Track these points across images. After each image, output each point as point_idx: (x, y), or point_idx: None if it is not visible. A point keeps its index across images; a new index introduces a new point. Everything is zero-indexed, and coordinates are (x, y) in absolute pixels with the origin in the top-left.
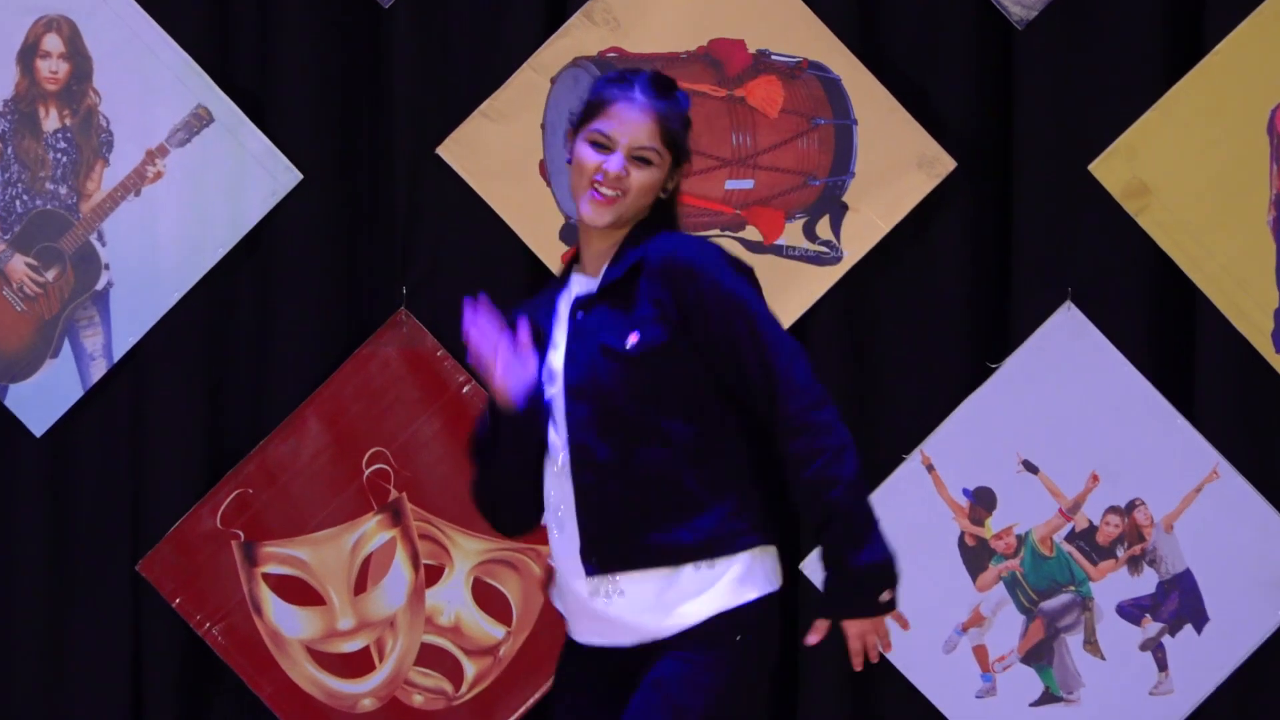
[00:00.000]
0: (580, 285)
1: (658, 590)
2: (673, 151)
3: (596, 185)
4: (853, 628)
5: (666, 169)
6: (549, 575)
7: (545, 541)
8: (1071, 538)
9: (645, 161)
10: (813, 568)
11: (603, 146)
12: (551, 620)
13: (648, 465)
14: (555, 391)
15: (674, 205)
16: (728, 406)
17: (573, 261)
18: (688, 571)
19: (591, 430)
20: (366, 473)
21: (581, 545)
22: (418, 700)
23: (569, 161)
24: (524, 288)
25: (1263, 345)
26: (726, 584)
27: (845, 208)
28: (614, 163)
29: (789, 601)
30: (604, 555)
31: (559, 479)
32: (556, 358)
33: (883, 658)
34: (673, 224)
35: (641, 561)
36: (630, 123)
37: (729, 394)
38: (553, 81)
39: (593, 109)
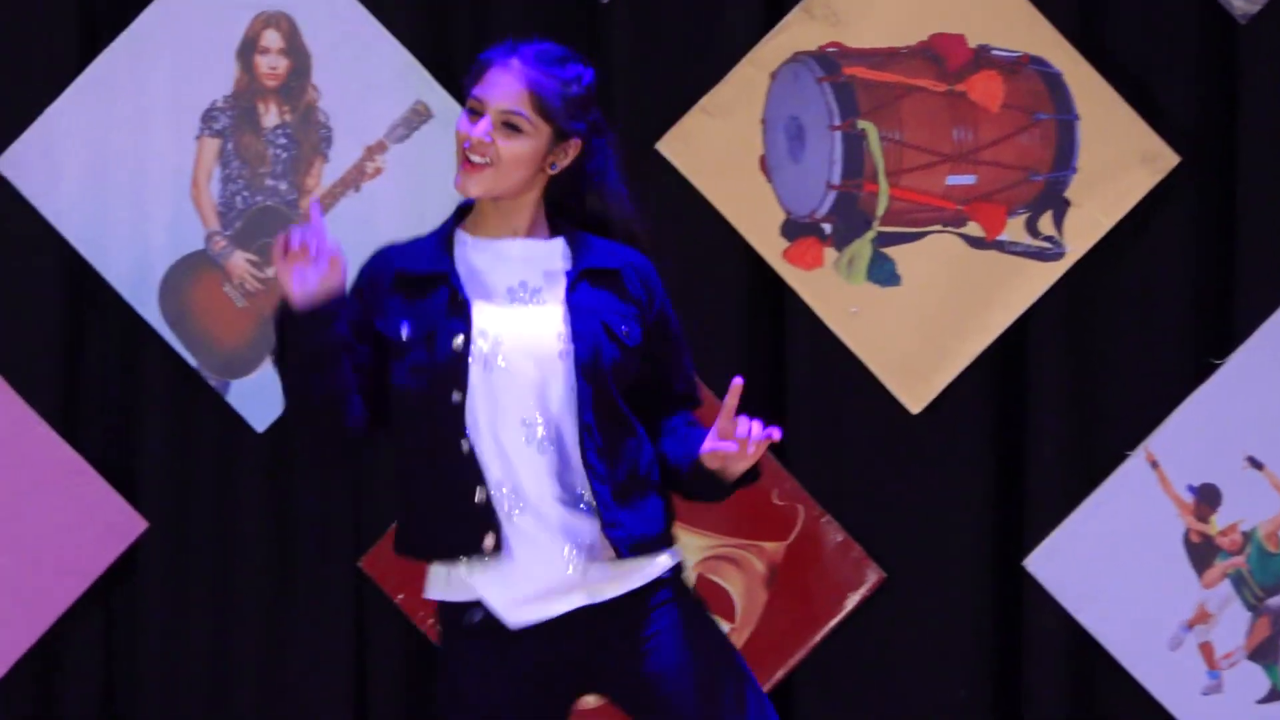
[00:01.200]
0: (500, 249)
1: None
2: (550, 123)
3: (466, 153)
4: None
5: (544, 142)
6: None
7: (768, 537)
8: None
9: (514, 129)
10: (1037, 564)
11: (475, 113)
12: (774, 613)
13: (626, 454)
14: (495, 351)
15: (582, 185)
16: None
17: (453, 221)
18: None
19: (591, 411)
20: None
21: (605, 525)
22: None
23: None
24: (744, 282)
25: None
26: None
27: (1067, 203)
28: (480, 127)
29: (1011, 596)
30: (624, 539)
31: (525, 452)
32: (490, 326)
33: (1106, 653)
34: (583, 206)
35: (643, 548)
36: (501, 87)
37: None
38: (772, 77)
39: (473, 75)
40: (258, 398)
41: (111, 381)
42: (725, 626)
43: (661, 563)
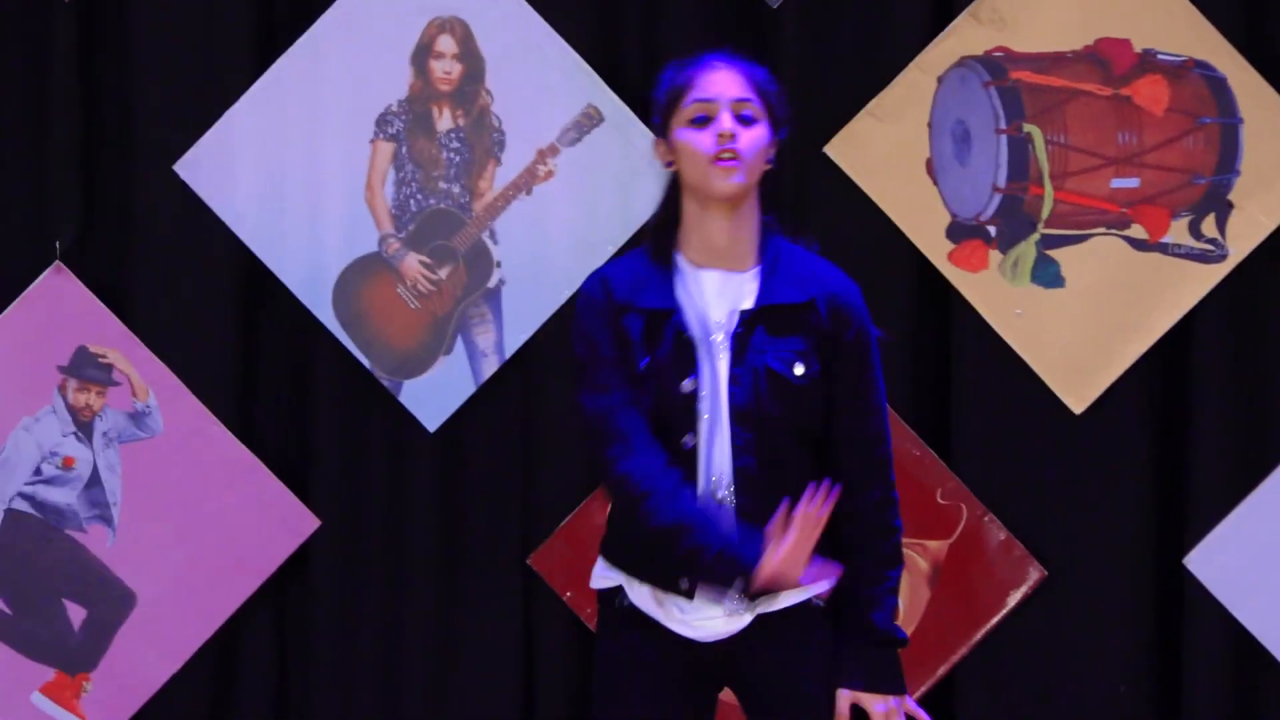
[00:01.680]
0: (719, 288)
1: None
2: (769, 112)
3: (718, 155)
4: (878, 705)
5: (767, 132)
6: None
7: (931, 535)
8: None
9: (749, 119)
10: (1197, 563)
11: (705, 119)
12: (938, 610)
13: (792, 491)
14: (704, 397)
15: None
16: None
17: (664, 240)
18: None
19: (752, 454)
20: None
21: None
22: None
23: (669, 165)
24: (910, 284)
25: None
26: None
27: (1230, 206)
28: (724, 122)
29: (1172, 594)
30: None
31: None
32: (705, 372)
33: (1266, 651)
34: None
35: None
36: (723, 83)
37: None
38: (939, 81)
39: (677, 94)
40: (429, 398)
41: (286, 382)
42: None
43: (817, 586)
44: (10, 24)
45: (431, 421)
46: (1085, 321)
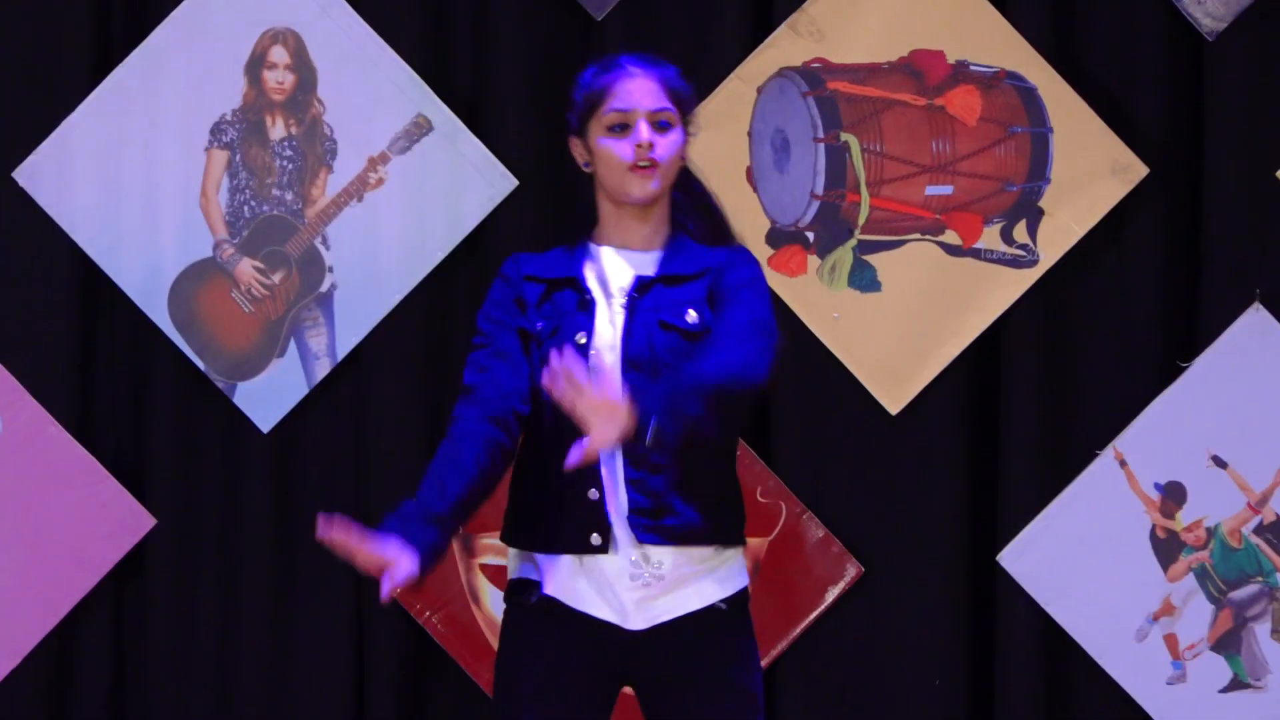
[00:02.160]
0: (623, 262)
1: (682, 570)
2: (682, 115)
3: (636, 164)
4: (611, 419)
5: (681, 133)
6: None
7: (751, 532)
8: (1260, 530)
9: (666, 125)
10: (1009, 559)
11: (623, 127)
12: (759, 605)
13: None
14: (604, 362)
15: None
16: None
17: (581, 233)
18: (708, 553)
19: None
20: None
21: (630, 513)
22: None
23: (586, 165)
24: None
25: None
26: (733, 569)
27: (1041, 212)
28: (642, 133)
29: (985, 589)
30: (652, 527)
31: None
32: (605, 329)
33: (1076, 646)
34: (695, 192)
35: (684, 538)
36: (639, 93)
37: None
38: (759, 91)
39: (595, 99)
40: (263, 399)
41: (122, 383)
42: None
43: (727, 587)
44: None
45: (265, 422)
46: (901, 325)
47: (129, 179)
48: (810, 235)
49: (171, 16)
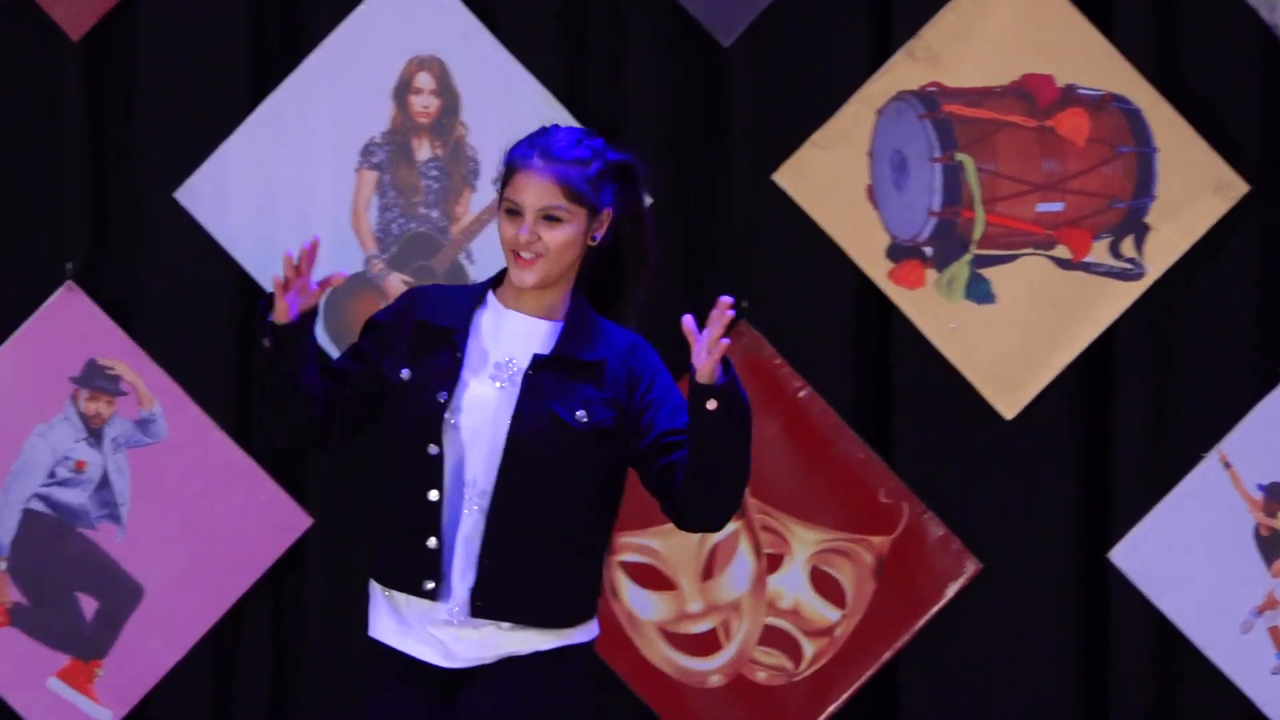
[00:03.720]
0: (518, 329)
1: (506, 640)
2: (582, 205)
3: (516, 252)
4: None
5: (583, 222)
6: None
7: (875, 531)
8: None
9: (555, 219)
10: (1121, 556)
11: (514, 213)
12: (881, 601)
13: (562, 529)
14: (464, 430)
15: (627, 247)
16: (617, 499)
17: (493, 283)
18: (534, 632)
19: (520, 487)
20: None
21: (475, 586)
22: (761, 676)
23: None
24: (853, 301)
25: None
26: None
27: (1147, 228)
28: (524, 230)
29: (1098, 585)
30: (496, 603)
31: (462, 511)
32: (468, 396)
33: (1184, 638)
34: (621, 268)
35: (529, 619)
36: (532, 188)
37: (623, 485)
38: (878, 113)
39: (505, 177)
40: None
41: None
42: (835, 614)
43: (550, 640)
44: (23, 62)
45: None
46: (1015, 334)
47: (283, 198)
48: (928, 250)
49: (323, 45)
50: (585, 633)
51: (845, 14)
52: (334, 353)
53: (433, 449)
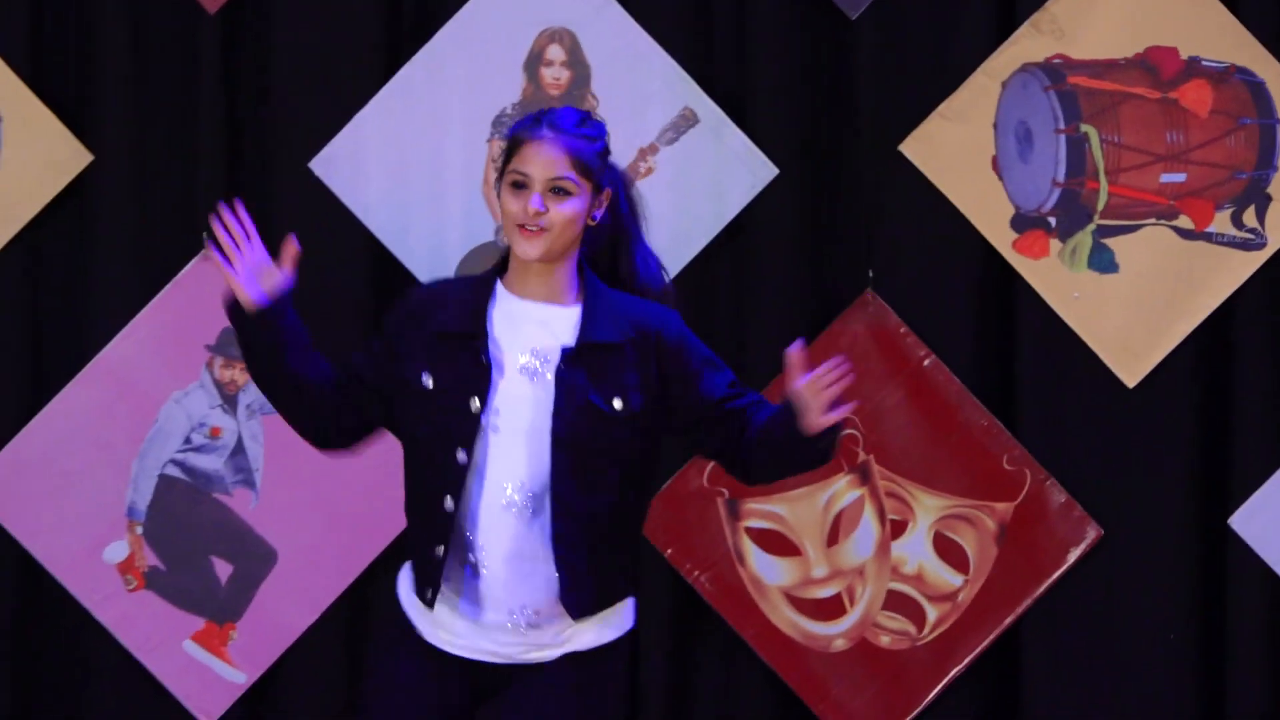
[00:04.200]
0: (536, 319)
1: (563, 627)
2: (590, 180)
3: (523, 224)
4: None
5: (588, 197)
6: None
7: (998, 498)
8: None
9: (564, 192)
10: (1240, 523)
11: (522, 186)
12: (1004, 566)
13: (615, 513)
14: (498, 426)
15: (617, 229)
16: (654, 465)
17: (497, 271)
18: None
19: (571, 480)
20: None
21: (563, 590)
22: (885, 641)
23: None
24: (978, 270)
25: None
26: (611, 619)
27: (1269, 199)
28: (536, 199)
29: (1217, 550)
30: (580, 601)
31: (497, 516)
32: (498, 397)
33: None
34: (617, 250)
35: (602, 605)
36: (542, 158)
37: (658, 452)
38: (1003, 85)
39: (509, 151)
40: None
41: None
42: (958, 579)
43: (591, 639)
44: (162, 36)
45: None
46: (1137, 304)
47: (416, 168)
48: (1052, 220)
49: (455, 17)
50: (628, 620)
51: None
52: None
53: (461, 456)
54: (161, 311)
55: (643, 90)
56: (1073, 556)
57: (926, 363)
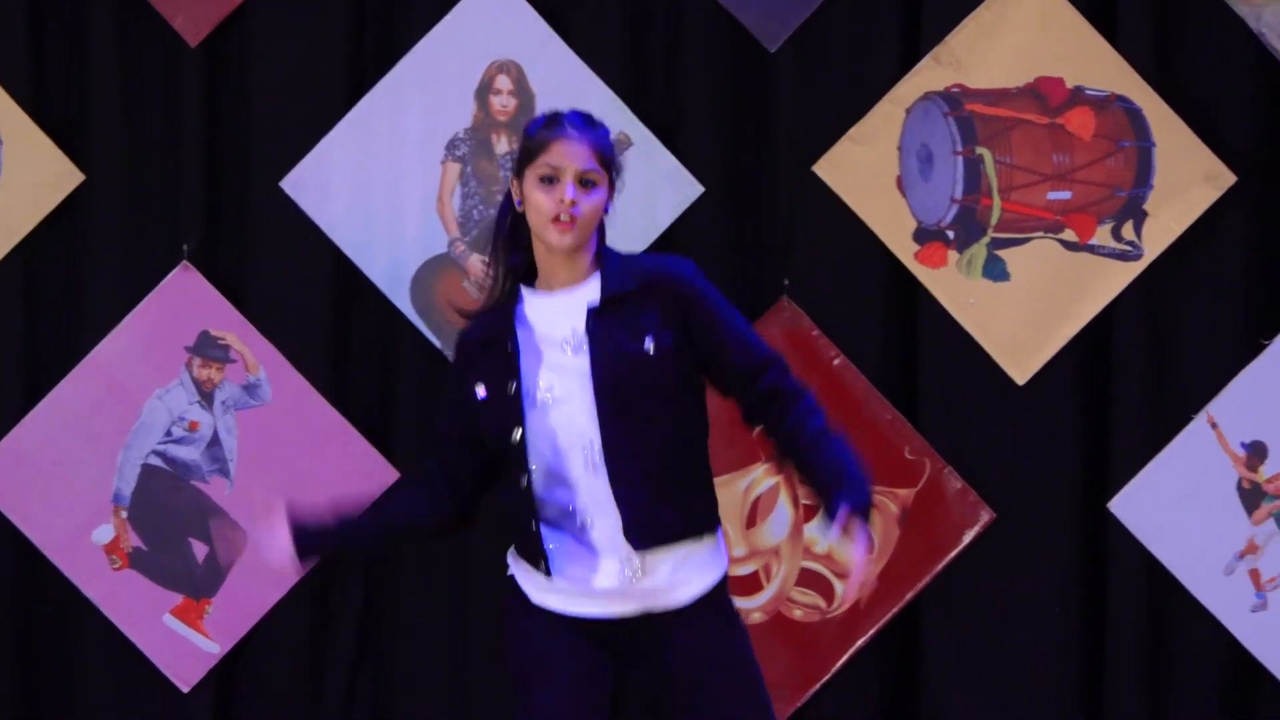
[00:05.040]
0: (564, 303)
1: (671, 565)
2: (608, 170)
3: (557, 216)
4: (855, 519)
5: (606, 188)
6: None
7: (900, 484)
8: None
9: (591, 184)
10: (1119, 507)
11: (553, 180)
12: (905, 547)
13: (665, 450)
14: (558, 397)
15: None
16: (703, 397)
17: (513, 284)
18: (690, 544)
19: (618, 424)
20: (755, 430)
21: (625, 526)
22: (797, 614)
23: (519, 204)
24: (883, 279)
25: None
26: (712, 555)
27: (1145, 214)
28: (570, 189)
29: (1098, 532)
30: (644, 534)
31: (581, 476)
32: (547, 373)
33: (1174, 580)
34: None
35: (672, 536)
36: (571, 153)
37: (705, 384)
38: (907, 112)
39: (535, 150)
40: None
41: (372, 359)
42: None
43: (706, 580)
44: (147, 66)
45: None
46: (1027, 309)
47: (378, 187)
48: (950, 234)
49: (413, 50)
50: (724, 552)
51: (879, 23)
52: (422, 326)
53: (515, 435)
54: (145, 316)
55: None
56: (967, 538)
57: (836, 362)
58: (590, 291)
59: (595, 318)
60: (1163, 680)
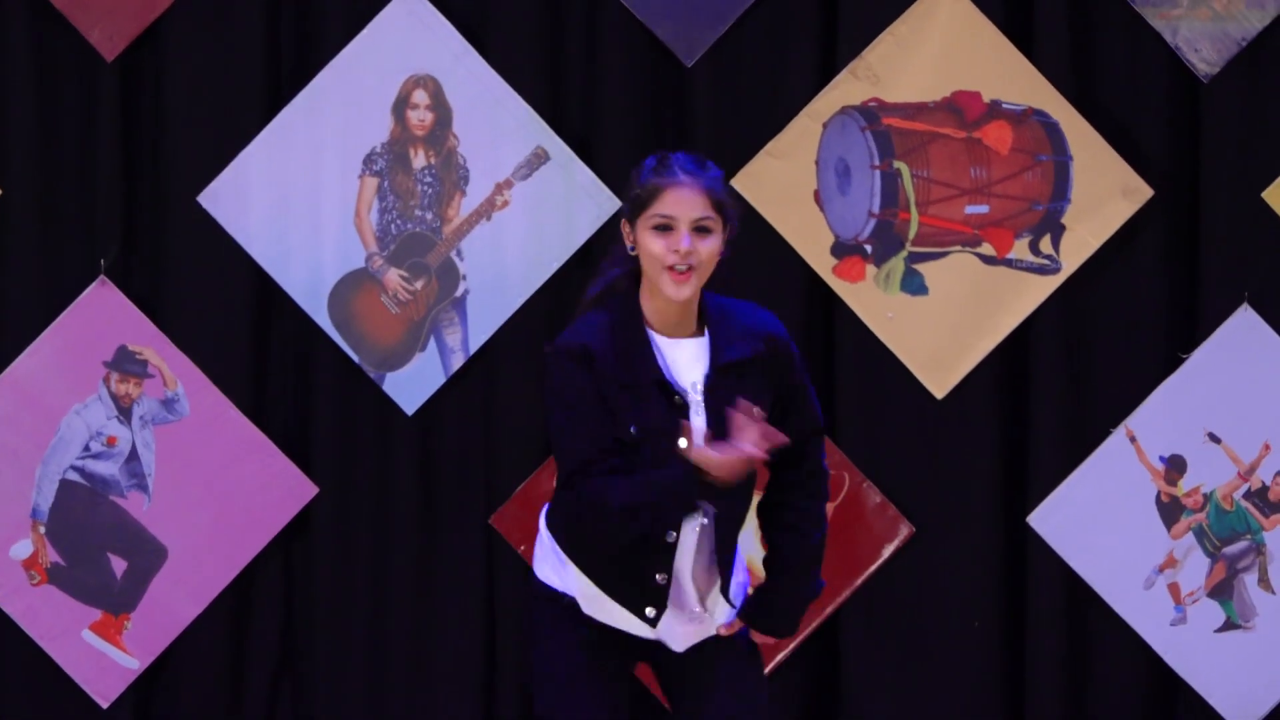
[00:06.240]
0: (684, 354)
1: (725, 607)
2: (723, 216)
3: (673, 266)
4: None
5: (721, 234)
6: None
7: None
8: (1248, 495)
9: (706, 230)
10: (1038, 521)
11: (666, 229)
12: (827, 562)
13: (739, 518)
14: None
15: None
16: None
17: (627, 314)
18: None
19: (723, 492)
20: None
21: (723, 584)
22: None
23: (632, 250)
24: (801, 292)
25: None
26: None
27: (1063, 228)
28: (685, 239)
29: (1017, 546)
30: (725, 588)
31: (675, 547)
32: (696, 419)
33: (1093, 593)
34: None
35: (727, 579)
36: (686, 201)
37: None
38: (824, 126)
39: (647, 198)
40: (407, 387)
41: (290, 374)
42: None
43: (725, 611)
44: (63, 80)
45: (409, 406)
46: (945, 323)
47: (295, 201)
48: (868, 247)
49: (330, 64)
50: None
51: (795, 38)
52: (340, 340)
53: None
54: (63, 332)
55: (499, 130)
56: (887, 551)
57: None
58: (700, 349)
59: (710, 384)
60: (1083, 693)
